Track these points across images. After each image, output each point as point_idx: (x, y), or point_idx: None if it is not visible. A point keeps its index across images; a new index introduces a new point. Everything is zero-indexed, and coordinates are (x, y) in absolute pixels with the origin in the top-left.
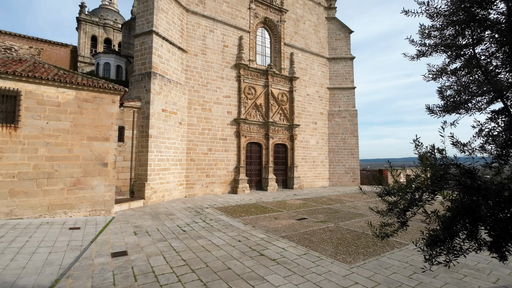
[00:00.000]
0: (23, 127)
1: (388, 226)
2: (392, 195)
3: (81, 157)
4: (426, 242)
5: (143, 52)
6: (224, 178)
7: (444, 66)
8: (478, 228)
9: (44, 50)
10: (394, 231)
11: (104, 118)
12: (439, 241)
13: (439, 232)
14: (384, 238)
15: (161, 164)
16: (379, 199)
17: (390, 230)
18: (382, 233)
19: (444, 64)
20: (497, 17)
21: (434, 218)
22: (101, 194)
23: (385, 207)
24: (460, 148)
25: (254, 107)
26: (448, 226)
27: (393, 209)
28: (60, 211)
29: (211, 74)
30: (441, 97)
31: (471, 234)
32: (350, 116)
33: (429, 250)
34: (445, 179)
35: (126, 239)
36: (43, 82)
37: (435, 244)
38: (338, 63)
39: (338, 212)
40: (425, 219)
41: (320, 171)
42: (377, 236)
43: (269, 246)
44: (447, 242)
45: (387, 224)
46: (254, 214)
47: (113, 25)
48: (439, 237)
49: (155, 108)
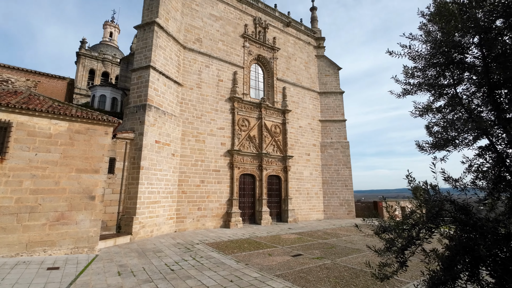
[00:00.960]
0: (10, 159)
1: (387, 266)
2: (389, 233)
3: (67, 190)
4: (428, 284)
5: (139, 86)
6: (217, 211)
7: (429, 104)
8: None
9: (41, 83)
10: (394, 272)
11: (96, 149)
12: (441, 283)
13: (440, 274)
14: (383, 280)
15: (151, 197)
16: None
17: (389, 271)
18: (382, 274)
19: (429, 102)
20: (473, 61)
21: (434, 257)
22: (85, 230)
23: (382, 245)
24: (452, 184)
25: (248, 138)
26: (448, 266)
27: (390, 247)
28: (39, 248)
29: (206, 107)
30: (429, 133)
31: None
32: (342, 148)
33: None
34: (441, 216)
35: (109, 280)
36: (36, 114)
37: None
38: (329, 97)
39: (334, 247)
40: (424, 258)
41: (314, 203)
42: (377, 278)
43: (263, 286)
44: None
45: (386, 264)
46: (247, 250)
47: (112, 59)
48: (441, 279)
49: (148, 140)
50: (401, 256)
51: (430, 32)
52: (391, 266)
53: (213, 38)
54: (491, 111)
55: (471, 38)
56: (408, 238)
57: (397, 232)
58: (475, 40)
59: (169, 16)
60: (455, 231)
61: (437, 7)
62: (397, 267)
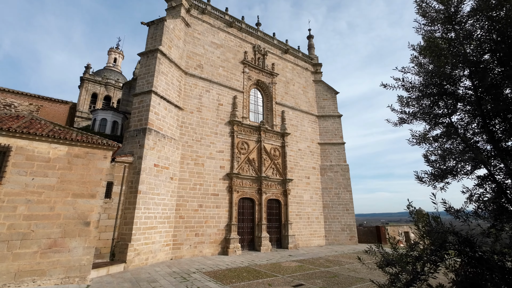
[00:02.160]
0: (6, 184)
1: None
2: (393, 266)
3: (62, 216)
4: None
5: (140, 110)
6: (215, 237)
7: (425, 133)
8: None
9: (44, 107)
10: None
11: (94, 173)
12: None
13: None
14: None
15: (148, 222)
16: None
17: None
18: None
19: (425, 130)
20: (465, 92)
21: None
22: (78, 258)
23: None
24: (454, 214)
25: (247, 161)
26: None
27: (395, 282)
28: (28, 278)
29: (205, 130)
30: (427, 162)
31: None
32: (342, 171)
33: None
34: (445, 248)
35: None
36: (36, 138)
37: None
38: (327, 120)
39: (337, 277)
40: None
41: (315, 228)
42: None
43: None
44: None
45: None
46: (246, 280)
47: (115, 84)
48: None
49: (147, 163)
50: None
51: (421, 64)
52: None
53: (214, 64)
54: (487, 142)
55: (462, 71)
56: (413, 273)
57: (401, 266)
58: (466, 72)
59: (172, 44)
60: (460, 264)
61: (426, 42)
62: None
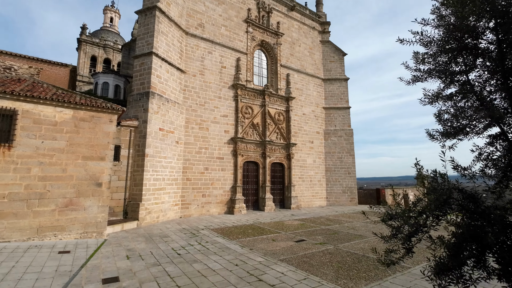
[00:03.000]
0: (17, 147)
1: (393, 252)
2: (396, 220)
3: (75, 177)
4: (434, 270)
5: (142, 73)
6: (221, 198)
7: (439, 91)
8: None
9: (44, 70)
10: (400, 258)
11: (101, 137)
12: (447, 269)
13: (446, 260)
14: (389, 265)
15: (157, 184)
16: (378, 220)
17: (395, 257)
18: (388, 260)
19: (439, 89)
20: (487, 46)
21: (440, 244)
22: (93, 216)
23: (388, 232)
24: (461, 172)
25: (251, 126)
26: (455, 253)
27: (397, 234)
28: (50, 233)
29: (209, 94)
30: (439, 121)
31: (479, 262)
32: (346, 135)
33: (438, 279)
34: (449, 204)
35: (118, 263)
36: (41, 102)
37: (444, 273)
38: (333, 84)
39: (337, 234)
40: (431, 245)
41: (317, 190)
42: (383, 263)
43: (267, 270)
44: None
45: (392, 250)
46: (251, 236)
47: (113, 46)
48: (447, 266)
49: (152, 127)
50: (407, 243)
51: (443, 17)
52: (397, 252)
53: (216, 23)
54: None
55: (486, 23)
56: (415, 226)
57: (404, 220)
58: (491, 24)
59: (170, 0)
60: (462, 218)
61: None
62: (403, 253)
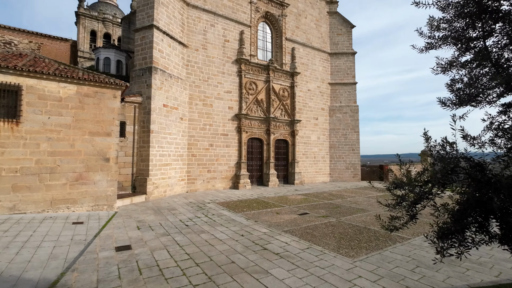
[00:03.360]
0: (24, 122)
1: (397, 219)
2: (401, 189)
3: (83, 152)
4: (437, 234)
5: (143, 47)
6: (226, 173)
7: (453, 59)
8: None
9: (44, 45)
10: (404, 224)
11: (106, 113)
12: (450, 233)
13: (450, 225)
14: (393, 231)
15: (163, 160)
16: (381, 195)
17: (399, 223)
18: (391, 226)
19: (453, 57)
20: (509, 9)
21: (443, 211)
22: (103, 189)
23: (393, 200)
24: (470, 142)
25: (255, 102)
26: (459, 218)
27: (401, 202)
28: (63, 206)
29: (212, 69)
30: (451, 91)
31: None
32: (351, 112)
33: (440, 242)
34: (455, 173)
35: (130, 233)
36: (44, 77)
37: (446, 237)
38: (340, 58)
39: (339, 207)
40: (434, 212)
41: (321, 166)
42: (386, 229)
43: (272, 240)
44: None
45: (396, 217)
46: (256, 209)
47: (112, 19)
48: (450, 230)
49: (156, 104)
50: (412, 209)
51: None
52: (401, 219)
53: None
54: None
55: None
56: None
57: (410, 188)
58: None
59: None
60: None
61: None
62: (407, 219)
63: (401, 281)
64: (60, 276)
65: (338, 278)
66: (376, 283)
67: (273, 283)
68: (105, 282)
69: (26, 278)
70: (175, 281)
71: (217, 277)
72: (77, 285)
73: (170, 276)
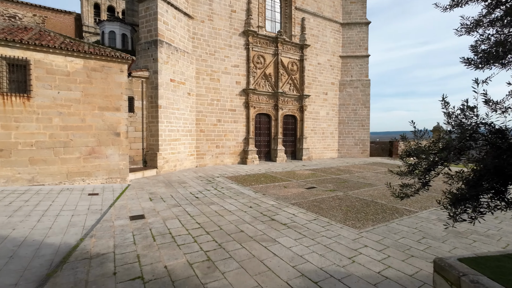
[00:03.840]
0: (35, 97)
1: (409, 187)
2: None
3: (94, 127)
4: (451, 200)
5: (148, 19)
6: (234, 149)
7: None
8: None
9: (48, 18)
10: (416, 191)
11: (114, 87)
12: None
13: (464, 191)
14: (403, 198)
15: (172, 135)
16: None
17: (410, 190)
18: (402, 194)
19: (480, 14)
20: None
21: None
22: (115, 163)
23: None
24: (492, 107)
25: (263, 77)
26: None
27: (414, 170)
28: (78, 178)
29: (219, 42)
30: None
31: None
32: (362, 86)
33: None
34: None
35: (143, 204)
36: (50, 51)
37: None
38: (352, 29)
39: (347, 182)
40: (448, 180)
41: (329, 142)
42: (397, 197)
43: (279, 212)
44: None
45: (408, 184)
46: (264, 183)
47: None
48: (465, 196)
49: (163, 78)
50: (424, 177)
51: None
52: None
53: None
54: None
55: None
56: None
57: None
58: None
59: None
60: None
61: None
62: (419, 187)
63: (406, 250)
64: (80, 241)
65: (344, 247)
66: (381, 252)
67: (281, 250)
68: (121, 247)
69: (48, 242)
70: (187, 247)
71: (227, 244)
72: (96, 249)
73: (182, 243)
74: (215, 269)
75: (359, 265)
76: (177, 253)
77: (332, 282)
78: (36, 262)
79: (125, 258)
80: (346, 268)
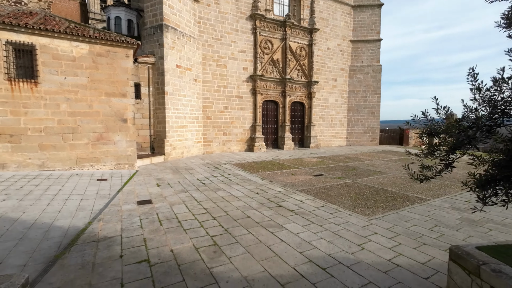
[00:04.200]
0: (42, 83)
1: (429, 168)
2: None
3: (101, 113)
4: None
5: (153, 2)
6: (241, 136)
7: None
8: None
9: (54, 4)
10: (437, 173)
11: (120, 73)
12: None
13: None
14: (422, 181)
15: (179, 122)
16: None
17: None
18: (422, 176)
19: None
20: None
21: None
22: (123, 149)
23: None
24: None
25: (271, 62)
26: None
27: (435, 150)
28: (87, 164)
29: (225, 27)
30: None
31: None
32: (373, 72)
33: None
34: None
35: (150, 189)
36: (55, 35)
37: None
38: (364, 12)
39: (356, 170)
40: (473, 162)
41: (338, 130)
42: (416, 179)
43: (287, 198)
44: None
45: (428, 166)
46: (271, 170)
47: None
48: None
49: (169, 64)
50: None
51: None
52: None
53: None
54: None
55: None
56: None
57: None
58: None
59: None
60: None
61: None
62: (441, 168)
63: (418, 238)
64: (88, 224)
65: (353, 234)
66: (392, 240)
67: (288, 236)
68: (128, 230)
69: (58, 225)
70: (193, 232)
71: (233, 229)
72: (103, 232)
73: (188, 228)
74: (221, 253)
75: (368, 252)
76: (183, 238)
77: (340, 268)
78: (45, 244)
79: (132, 241)
80: (355, 255)
